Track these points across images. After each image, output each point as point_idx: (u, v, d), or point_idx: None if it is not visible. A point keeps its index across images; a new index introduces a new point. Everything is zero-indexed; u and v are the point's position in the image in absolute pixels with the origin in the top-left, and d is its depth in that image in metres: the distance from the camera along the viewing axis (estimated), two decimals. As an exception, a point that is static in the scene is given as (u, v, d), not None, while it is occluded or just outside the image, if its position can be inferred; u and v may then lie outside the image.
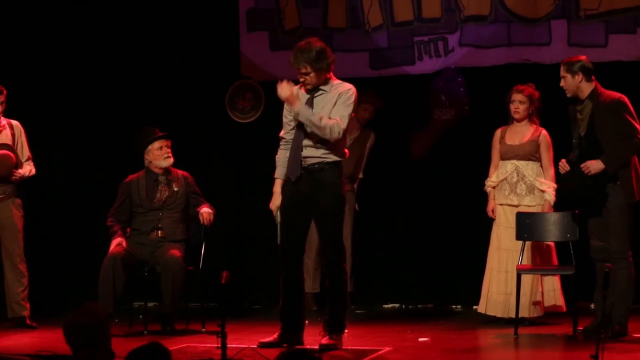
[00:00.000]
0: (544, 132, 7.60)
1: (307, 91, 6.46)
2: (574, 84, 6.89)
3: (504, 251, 7.57)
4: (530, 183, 7.55)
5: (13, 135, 7.73)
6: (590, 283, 7.04)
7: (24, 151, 7.79)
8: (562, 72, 6.93)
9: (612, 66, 8.17)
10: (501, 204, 7.62)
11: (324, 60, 6.37)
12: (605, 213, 6.86)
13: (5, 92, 7.67)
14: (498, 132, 7.71)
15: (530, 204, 7.54)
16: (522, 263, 7.36)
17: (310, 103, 6.41)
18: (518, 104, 7.57)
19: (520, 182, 7.56)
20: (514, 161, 7.59)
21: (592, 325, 6.90)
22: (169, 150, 7.57)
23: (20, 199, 7.74)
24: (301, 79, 6.43)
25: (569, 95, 6.96)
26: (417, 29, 8.83)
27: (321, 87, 6.44)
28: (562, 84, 6.95)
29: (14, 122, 7.79)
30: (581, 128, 6.92)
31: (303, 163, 6.38)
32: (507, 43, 8.59)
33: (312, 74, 6.37)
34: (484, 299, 7.64)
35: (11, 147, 7.69)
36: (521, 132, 7.62)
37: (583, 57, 6.96)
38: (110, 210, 7.61)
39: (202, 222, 7.45)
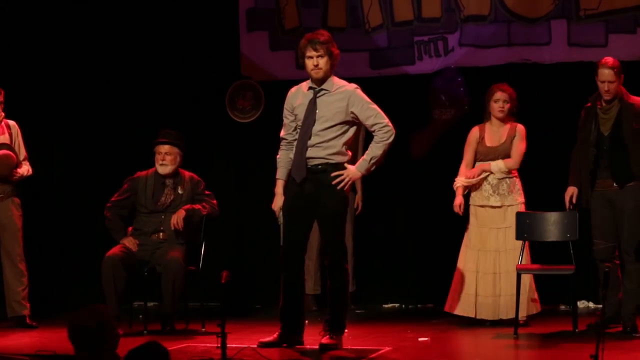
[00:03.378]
0: (520, 126, 7.55)
1: (310, 88, 6.44)
2: (619, 88, 6.94)
3: (490, 252, 7.53)
4: (510, 183, 7.51)
5: (10, 135, 7.73)
6: (589, 283, 7.05)
7: (21, 151, 7.79)
8: (612, 77, 6.86)
9: (612, 66, 8.17)
10: (482, 206, 7.58)
11: (335, 49, 6.38)
12: (621, 213, 6.90)
13: (3, 92, 7.67)
14: (476, 131, 7.65)
15: (513, 203, 7.50)
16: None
17: (313, 103, 6.40)
18: (503, 103, 7.54)
19: (502, 182, 7.53)
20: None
21: (595, 324, 6.95)
22: (168, 157, 7.47)
23: (19, 199, 7.74)
24: (314, 64, 6.35)
25: (609, 97, 6.92)
26: (417, 29, 8.83)
27: (323, 87, 6.42)
28: (607, 88, 6.87)
29: (11, 122, 7.79)
30: (605, 127, 6.94)
31: (307, 164, 6.38)
32: (507, 43, 8.59)
33: (325, 58, 6.35)
34: (472, 303, 7.54)
35: (11, 147, 7.69)
36: (499, 133, 7.58)
37: (616, 59, 7.00)
38: (111, 200, 7.56)
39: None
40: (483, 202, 7.57)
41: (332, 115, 6.36)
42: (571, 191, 7.14)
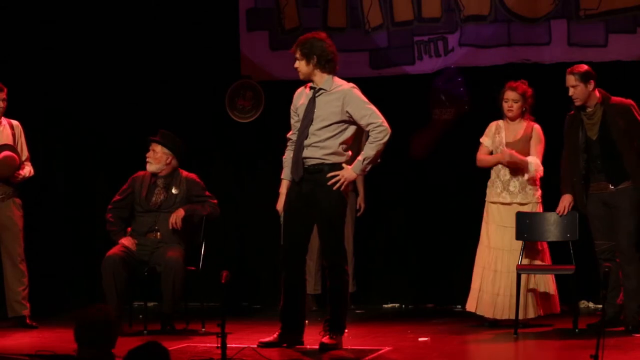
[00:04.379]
0: (536, 126, 7.51)
1: (311, 89, 6.46)
2: (586, 92, 6.94)
3: (494, 250, 7.52)
4: (523, 181, 7.48)
5: (13, 135, 7.73)
6: (589, 283, 7.05)
7: (23, 151, 7.79)
8: (573, 82, 6.94)
9: (612, 66, 8.17)
10: (494, 202, 7.57)
11: (315, 52, 6.36)
12: (617, 213, 6.92)
13: (5, 89, 7.67)
14: (492, 127, 7.64)
15: (522, 201, 7.47)
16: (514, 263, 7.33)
17: (312, 102, 6.41)
18: (512, 102, 7.49)
19: (513, 179, 7.51)
20: None
21: (596, 324, 6.96)
22: (154, 155, 7.49)
23: (20, 199, 7.74)
24: (295, 66, 6.45)
25: (578, 103, 6.99)
26: (417, 29, 8.83)
27: (322, 87, 6.42)
28: (571, 93, 6.96)
29: (14, 122, 7.79)
30: (592, 132, 6.98)
31: (304, 164, 6.37)
32: (507, 43, 8.58)
33: (302, 62, 6.39)
34: (474, 298, 7.56)
35: (14, 148, 7.69)
36: (514, 130, 7.55)
37: (586, 66, 7.00)
38: (112, 202, 7.57)
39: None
40: (494, 199, 7.54)
41: (328, 115, 6.36)
42: (569, 199, 7.15)
